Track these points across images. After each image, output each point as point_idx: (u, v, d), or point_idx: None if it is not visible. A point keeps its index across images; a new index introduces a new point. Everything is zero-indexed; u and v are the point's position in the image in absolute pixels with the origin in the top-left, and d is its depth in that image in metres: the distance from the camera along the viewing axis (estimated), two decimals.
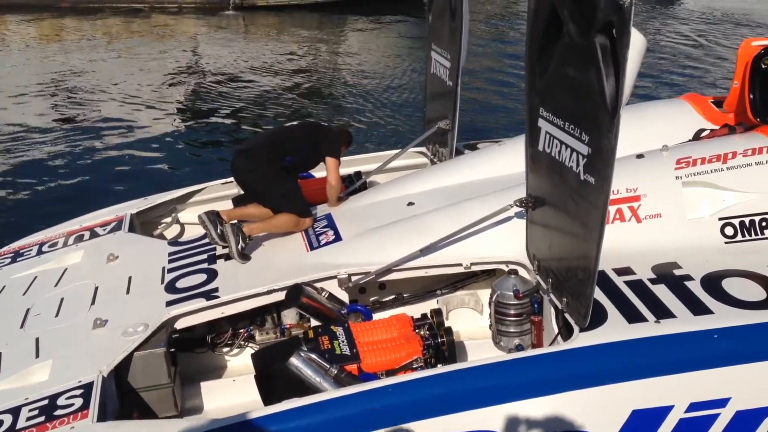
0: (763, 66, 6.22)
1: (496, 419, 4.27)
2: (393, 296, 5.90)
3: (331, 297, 5.48)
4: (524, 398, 4.31)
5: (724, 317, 4.60)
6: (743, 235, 5.41)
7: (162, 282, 5.70)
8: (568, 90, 4.39)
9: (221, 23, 25.47)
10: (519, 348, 5.15)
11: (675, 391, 4.39)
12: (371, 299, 5.87)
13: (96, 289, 5.71)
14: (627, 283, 4.96)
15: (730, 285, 4.90)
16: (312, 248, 5.88)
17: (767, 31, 21.15)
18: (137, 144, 13.76)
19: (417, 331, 5.11)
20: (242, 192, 6.54)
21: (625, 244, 5.19)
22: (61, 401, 4.46)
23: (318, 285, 5.49)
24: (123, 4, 26.62)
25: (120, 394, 4.84)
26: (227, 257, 5.88)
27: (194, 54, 21.01)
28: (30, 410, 4.43)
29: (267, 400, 4.66)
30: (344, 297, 5.55)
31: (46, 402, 4.48)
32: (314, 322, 5.44)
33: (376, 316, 5.54)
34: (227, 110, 15.91)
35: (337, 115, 15.30)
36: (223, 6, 26.75)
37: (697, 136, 6.37)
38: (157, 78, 18.24)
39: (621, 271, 5.07)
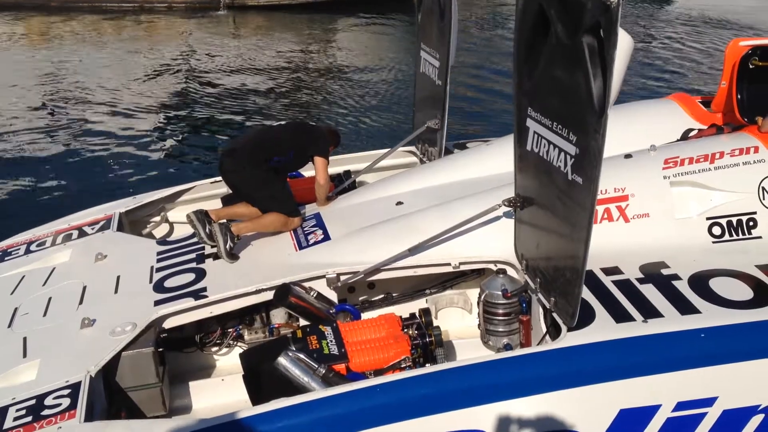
0: (751, 66, 6.26)
1: (484, 419, 4.27)
2: (382, 296, 5.90)
3: (320, 296, 5.47)
4: (512, 398, 4.32)
5: (711, 317, 4.62)
6: (731, 235, 5.43)
7: (150, 281, 5.68)
8: (555, 90, 4.39)
9: (212, 23, 25.39)
10: (507, 347, 5.16)
11: (662, 391, 4.41)
12: (360, 299, 5.87)
13: (84, 288, 5.69)
14: (615, 282, 4.97)
15: (717, 284, 4.92)
16: (301, 248, 5.87)
17: (755, 32, 21.22)
18: (126, 143, 13.71)
19: (405, 330, 5.10)
20: (231, 191, 6.53)
21: (613, 244, 5.20)
22: (48, 401, 4.45)
23: (307, 284, 5.48)
24: (113, 3, 26.47)
25: (108, 393, 4.82)
26: (216, 257, 5.87)
27: (184, 54, 20.93)
28: (17, 410, 4.42)
29: (255, 399, 4.66)
30: (333, 296, 5.54)
31: (33, 402, 4.47)
32: (303, 322, 5.44)
33: (365, 316, 5.54)
34: (217, 109, 15.87)
35: (326, 115, 15.28)
36: (214, 6, 26.66)
37: (685, 136, 6.40)
38: (146, 77, 18.18)
39: (609, 271, 5.08)
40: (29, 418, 4.32)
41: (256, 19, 26.03)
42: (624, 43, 5.68)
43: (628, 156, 5.75)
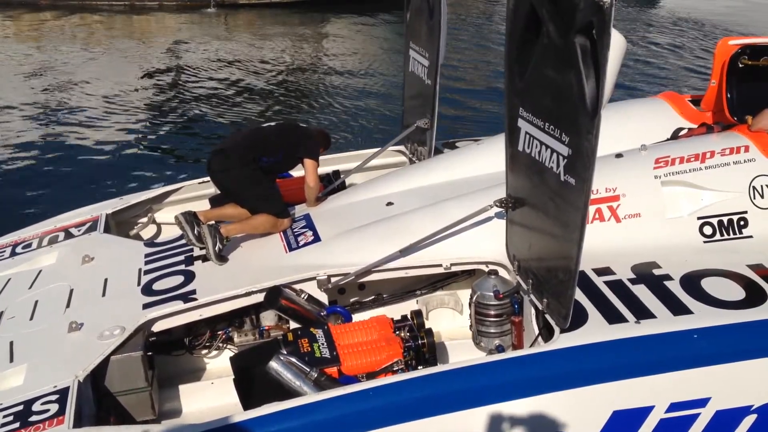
0: (741, 65, 6.26)
1: (477, 421, 4.25)
2: (372, 297, 5.86)
3: (311, 299, 5.43)
4: (505, 400, 4.29)
5: (703, 317, 4.61)
6: (722, 235, 5.42)
7: (138, 284, 5.63)
8: (547, 90, 4.36)
9: (202, 21, 25.31)
10: (499, 349, 5.13)
11: (655, 392, 4.39)
12: (351, 300, 5.83)
13: (71, 291, 5.62)
14: (607, 283, 4.95)
15: (709, 284, 4.91)
16: (291, 249, 5.83)
17: (744, 31, 21.30)
18: (114, 143, 13.62)
19: (397, 332, 5.07)
20: (219, 192, 6.48)
21: (604, 245, 5.18)
22: (36, 407, 4.39)
23: (297, 286, 5.44)
24: (103, 1, 26.35)
25: (97, 398, 4.77)
26: (204, 259, 5.82)
27: (174, 52, 20.83)
28: (4, 416, 4.36)
29: (246, 403, 4.62)
30: (323, 298, 5.50)
31: (20, 408, 4.41)
32: (293, 324, 5.40)
33: (356, 318, 5.51)
34: (206, 109, 15.80)
35: (316, 114, 15.24)
36: (205, 4, 26.57)
37: (675, 135, 6.39)
38: (135, 76, 18.09)
39: (601, 272, 5.06)
40: (17, 425, 4.26)
41: (246, 17, 25.98)
42: (617, 44, 5.67)
43: (619, 156, 5.73)
